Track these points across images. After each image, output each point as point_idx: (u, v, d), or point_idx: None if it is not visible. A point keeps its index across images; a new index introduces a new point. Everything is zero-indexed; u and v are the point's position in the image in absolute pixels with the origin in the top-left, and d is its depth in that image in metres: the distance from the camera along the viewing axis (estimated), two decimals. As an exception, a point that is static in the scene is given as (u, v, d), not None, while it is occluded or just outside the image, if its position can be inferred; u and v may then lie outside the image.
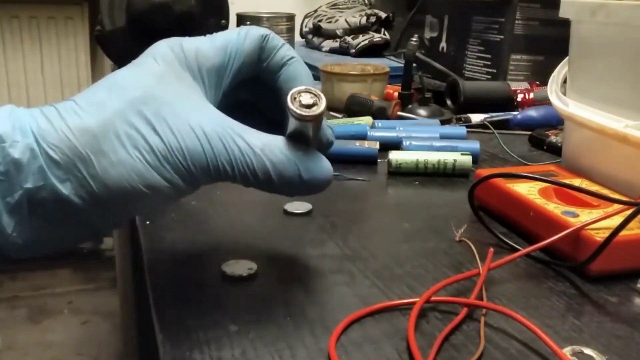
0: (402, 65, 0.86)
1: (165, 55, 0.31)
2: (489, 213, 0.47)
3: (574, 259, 0.38)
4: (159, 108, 0.29)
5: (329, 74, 0.84)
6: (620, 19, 0.46)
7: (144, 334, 0.50)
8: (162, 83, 0.30)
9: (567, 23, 0.52)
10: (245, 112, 0.36)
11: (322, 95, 0.31)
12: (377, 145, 0.60)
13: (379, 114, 0.73)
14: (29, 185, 0.27)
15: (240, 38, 0.33)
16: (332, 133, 0.35)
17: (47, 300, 1.82)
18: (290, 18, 1.10)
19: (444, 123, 0.74)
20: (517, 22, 0.88)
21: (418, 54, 0.86)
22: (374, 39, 1.15)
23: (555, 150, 0.65)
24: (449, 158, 0.57)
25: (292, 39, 1.11)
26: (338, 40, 1.19)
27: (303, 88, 0.31)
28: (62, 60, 1.90)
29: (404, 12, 1.20)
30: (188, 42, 0.32)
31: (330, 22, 1.23)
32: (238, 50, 0.33)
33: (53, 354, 1.61)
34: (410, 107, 0.78)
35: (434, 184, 0.56)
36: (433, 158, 0.57)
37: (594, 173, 0.48)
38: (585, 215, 0.40)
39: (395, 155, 0.57)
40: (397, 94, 0.84)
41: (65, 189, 0.28)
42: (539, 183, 0.45)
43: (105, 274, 1.90)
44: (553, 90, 0.53)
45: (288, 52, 0.34)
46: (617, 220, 0.36)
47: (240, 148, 0.30)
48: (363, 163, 0.60)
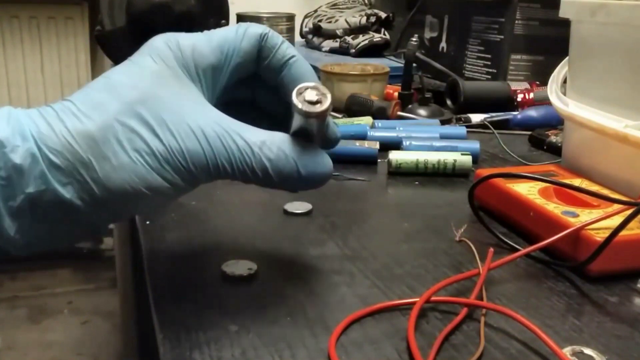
0: (402, 65, 0.86)
1: (163, 54, 0.31)
2: (489, 213, 0.47)
3: (574, 259, 0.38)
4: (158, 109, 0.29)
5: (329, 74, 0.84)
6: (620, 19, 0.46)
7: (144, 334, 0.50)
8: (160, 83, 0.30)
9: (567, 23, 0.52)
10: (243, 108, 0.36)
11: (327, 93, 0.31)
12: (377, 145, 0.61)
13: (379, 114, 0.73)
14: (31, 190, 0.28)
15: (238, 37, 0.33)
16: (338, 130, 0.35)
17: (47, 300, 1.82)
18: (290, 18, 1.10)
19: (444, 123, 0.74)
20: (517, 22, 0.88)
21: (418, 54, 0.85)
22: (374, 39, 1.15)
23: (555, 150, 0.65)
24: (449, 158, 0.57)
25: (292, 39, 1.11)
26: (338, 40, 1.19)
27: (311, 84, 0.31)
28: (62, 60, 1.90)
29: (404, 12, 1.20)
30: (184, 38, 0.32)
31: (330, 22, 1.23)
32: (235, 50, 0.33)
33: (53, 354, 1.61)
34: (410, 107, 0.78)
35: (434, 184, 0.56)
36: (433, 158, 0.57)
37: (594, 173, 0.48)
38: (585, 215, 0.40)
39: (395, 155, 0.57)
40: (397, 94, 0.84)
41: (67, 193, 0.28)
42: (539, 183, 0.45)
43: (105, 274, 1.90)
44: (553, 90, 0.53)
45: (288, 50, 0.34)
46: (617, 220, 0.36)
47: (239, 146, 0.30)
48: (363, 163, 0.60)
